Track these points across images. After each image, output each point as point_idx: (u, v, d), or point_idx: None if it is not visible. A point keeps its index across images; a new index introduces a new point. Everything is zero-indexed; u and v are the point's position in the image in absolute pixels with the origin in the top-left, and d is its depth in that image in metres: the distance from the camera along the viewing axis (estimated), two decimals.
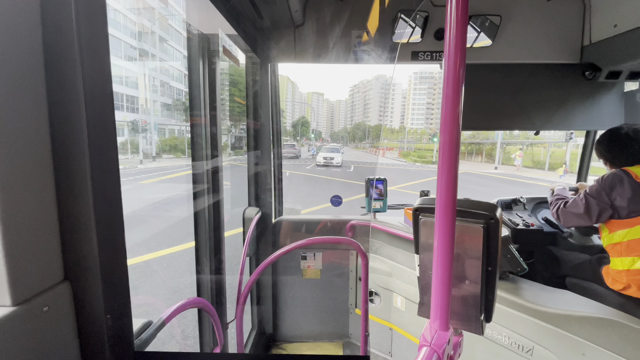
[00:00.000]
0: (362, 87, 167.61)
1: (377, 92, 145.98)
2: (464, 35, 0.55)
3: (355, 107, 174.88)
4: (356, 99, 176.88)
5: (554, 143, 31.12)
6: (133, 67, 12.55)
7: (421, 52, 2.07)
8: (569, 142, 24.13)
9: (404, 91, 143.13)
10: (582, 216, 1.74)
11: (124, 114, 12.09)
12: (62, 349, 0.66)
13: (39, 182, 0.61)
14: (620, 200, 1.61)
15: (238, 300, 1.74)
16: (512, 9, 1.97)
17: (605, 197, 1.65)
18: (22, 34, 0.57)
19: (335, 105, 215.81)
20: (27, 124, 0.58)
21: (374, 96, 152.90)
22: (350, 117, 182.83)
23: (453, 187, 0.57)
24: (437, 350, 0.59)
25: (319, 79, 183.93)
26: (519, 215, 2.23)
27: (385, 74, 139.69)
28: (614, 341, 1.26)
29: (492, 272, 0.67)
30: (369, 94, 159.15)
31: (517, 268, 1.58)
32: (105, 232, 0.68)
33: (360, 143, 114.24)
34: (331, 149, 24.99)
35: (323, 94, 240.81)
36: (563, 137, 27.49)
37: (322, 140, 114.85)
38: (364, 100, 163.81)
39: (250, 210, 2.26)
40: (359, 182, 14.41)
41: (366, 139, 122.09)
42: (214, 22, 1.55)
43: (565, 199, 1.90)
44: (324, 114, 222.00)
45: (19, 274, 0.57)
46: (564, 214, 1.83)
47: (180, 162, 11.13)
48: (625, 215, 1.62)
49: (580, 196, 1.75)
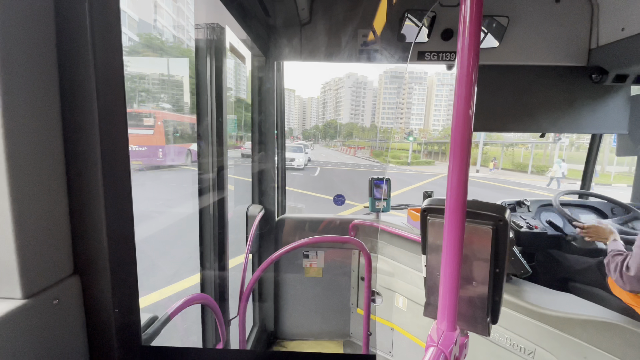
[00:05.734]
0: (334, 84, 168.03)
1: (348, 90, 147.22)
2: (478, 36, 0.54)
3: (327, 104, 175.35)
4: (328, 97, 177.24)
5: (536, 144, 30.34)
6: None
7: (427, 52, 2.06)
8: (557, 142, 24.56)
9: (375, 90, 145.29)
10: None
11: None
12: (71, 341, 0.67)
13: (51, 177, 0.62)
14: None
15: (241, 297, 1.75)
16: (520, 10, 1.97)
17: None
18: (35, 34, 0.58)
19: (307, 103, 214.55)
20: (39, 120, 0.59)
21: (346, 94, 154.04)
22: (322, 114, 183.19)
23: (463, 188, 0.57)
24: (444, 351, 0.59)
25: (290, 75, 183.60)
26: (522, 217, 2.20)
27: (357, 72, 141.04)
28: (617, 345, 1.25)
29: (500, 274, 0.67)
30: (340, 92, 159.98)
31: (520, 270, 1.57)
32: (115, 227, 0.69)
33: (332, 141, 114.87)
34: (294, 147, 19.96)
35: (294, 91, 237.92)
36: (545, 138, 27.60)
37: (292, 138, 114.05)
38: (336, 98, 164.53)
39: (254, 208, 2.26)
40: (325, 195, 10.09)
41: (337, 137, 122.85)
42: (221, 19, 1.55)
43: (624, 253, 1.48)
44: (296, 110, 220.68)
45: (29, 267, 0.58)
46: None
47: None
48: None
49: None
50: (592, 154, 2.56)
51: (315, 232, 2.48)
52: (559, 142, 23.47)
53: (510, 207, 2.34)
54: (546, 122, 2.14)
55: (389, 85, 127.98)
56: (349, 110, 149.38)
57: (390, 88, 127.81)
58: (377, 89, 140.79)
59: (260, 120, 2.33)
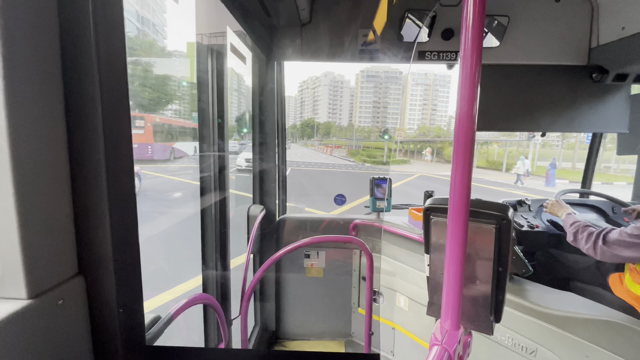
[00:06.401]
0: (311, 83, 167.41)
1: (326, 89, 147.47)
2: (480, 36, 0.54)
3: (305, 103, 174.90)
4: (305, 95, 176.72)
5: (511, 142, 30.22)
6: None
7: (428, 52, 2.06)
8: (531, 140, 24.99)
9: (352, 89, 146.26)
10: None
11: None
12: (76, 341, 0.67)
13: (55, 178, 0.62)
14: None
15: (242, 297, 1.75)
16: (520, 9, 1.97)
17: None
18: (39, 35, 0.58)
19: (285, 101, 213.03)
20: (43, 121, 0.59)
21: (323, 93, 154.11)
22: (299, 113, 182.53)
23: (467, 188, 0.57)
24: (448, 349, 0.59)
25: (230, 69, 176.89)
26: (523, 216, 2.21)
27: (334, 71, 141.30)
28: (618, 344, 1.25)
29: (503, 273, 0.67)
30: (318, 91, 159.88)
31: (522, 270, 1.57)
32: (119, 228, 0.69)
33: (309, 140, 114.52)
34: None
35: (241, 85, 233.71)
36: (518, 136, 28.23)
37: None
38: (313, 97, 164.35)
39: (255, 208, 2.26)
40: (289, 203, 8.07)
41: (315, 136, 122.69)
42: (222, 19, 1.55)
43: (596, 228, 1.55)
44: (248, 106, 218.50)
45: (34, 267, 0.58)
46: (611, 247, 1.43)
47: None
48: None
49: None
50: (592, 153, 2.55)
51: (316, 232, 2.48)
52: (533, 139, 24.09)
53: (511, 206, 2.26)
54: (546, 122, 2.14)
55: (365, 84, 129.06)
56: (327, 109, 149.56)
57: (367, 87, 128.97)
58: (354, 88, 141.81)
59: (261, 121, 2.32)
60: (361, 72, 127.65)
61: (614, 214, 2.27)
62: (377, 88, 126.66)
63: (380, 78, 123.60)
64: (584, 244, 1.54)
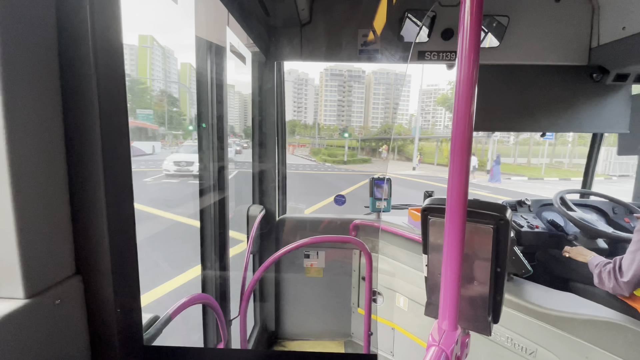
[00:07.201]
0: None
1: (290, 86, 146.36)
2: (478, 36, 0.54)
3: None
4: None
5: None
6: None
7: (428, 52, 2.06)
8: (490, 137, 25.35)
9: (317, 87, 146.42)
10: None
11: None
12: (73, 341, 0.67)
13: (52, 178, 0.62)
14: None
15: (242, 297, 1.75)
16: (520, 9, 1.96)
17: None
18: (37, 36, 0.58)
19: (248, 99, 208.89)
20: (41, 121, 0.59)
21: (288, 90, 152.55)
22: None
23: (464, 188, 0.58)
24: (445, 350, 0.59)
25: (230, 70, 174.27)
26: (523, 217, 2.19)
27: (297, 69, 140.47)
28: (618, 345, 1.24)
29: (501, 273, 0.67)
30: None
31: (521, 270, 1.56)
32: (116, 227, 0.69)
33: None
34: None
35: (234, 86, 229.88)
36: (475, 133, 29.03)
37: (232, 136, 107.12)
38: None
39: (255, 208, 2.25)
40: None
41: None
42: (221, 19, 1.54)
43: (610, 261, 1.50)
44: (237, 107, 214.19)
45: (31, 267, 0.58)
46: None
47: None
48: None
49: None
50: (592, 154, 2.54)
51: (315, 232, 2.48)
52: (492, 136, 25.16)
53: (511, 206, 2.32)
54: (547, 122, 2.14)
55: (329, 82, 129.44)
56: (292, 107, 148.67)
57: (331, 86, 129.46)
58: (319, 87, 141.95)
59: (261, 121, 2.31)
60: (325, 70, 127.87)
61: (615, 214, 2.26)
62: (341, 87, 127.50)
63: (344, 77, 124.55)
64: (607, 283, 1.47)
